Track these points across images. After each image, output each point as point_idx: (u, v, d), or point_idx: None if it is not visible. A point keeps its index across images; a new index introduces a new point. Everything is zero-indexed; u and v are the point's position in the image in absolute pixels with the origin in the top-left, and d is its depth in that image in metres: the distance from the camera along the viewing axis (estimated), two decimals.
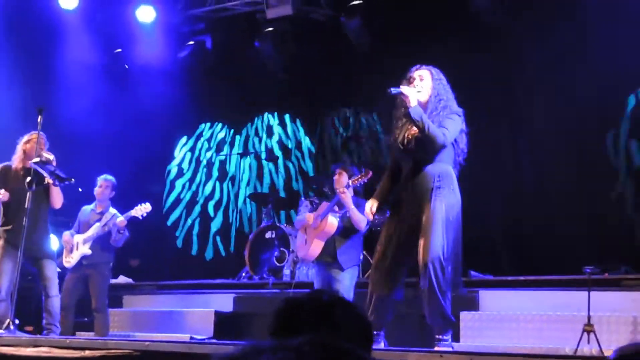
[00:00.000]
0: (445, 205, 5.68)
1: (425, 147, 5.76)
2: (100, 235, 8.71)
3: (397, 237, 5.96)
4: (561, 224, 9.50)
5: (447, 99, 5.90)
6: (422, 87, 5.92)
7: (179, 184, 13.45)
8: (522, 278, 8.10)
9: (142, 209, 8.65)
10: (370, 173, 7.44)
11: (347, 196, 7.41)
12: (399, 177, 6.06)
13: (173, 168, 13.52)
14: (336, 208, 7.61)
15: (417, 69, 6.03)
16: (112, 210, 8.81)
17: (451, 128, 5.75)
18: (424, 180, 5.79)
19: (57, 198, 8.09)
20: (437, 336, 5.79)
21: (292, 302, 2.05)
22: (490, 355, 4.15)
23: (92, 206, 9.01)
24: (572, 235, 9.24)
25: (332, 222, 7.54)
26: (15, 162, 8.05)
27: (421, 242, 5.67)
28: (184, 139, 13.39)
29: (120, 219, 8.59)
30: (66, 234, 8.88)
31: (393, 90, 5.88)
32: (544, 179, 9.85)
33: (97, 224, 8.74)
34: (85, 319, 9.12)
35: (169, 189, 13.44)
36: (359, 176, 7.43)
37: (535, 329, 7.18)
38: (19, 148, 8.10)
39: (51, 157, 7.94)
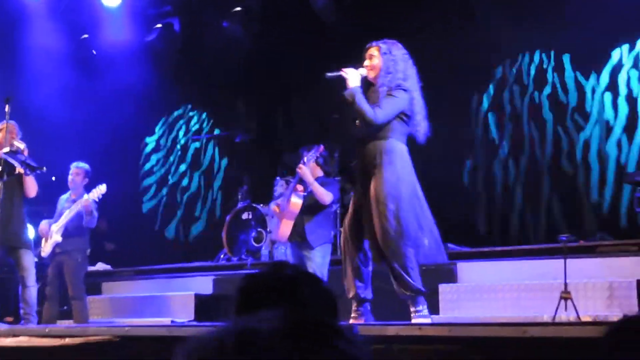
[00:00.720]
0: (390, 182, 5.76)
1: (365, 125, 5.87)
2: (71, 222, 8.66)
3: (355, 212, 6.10)
4: (535, 193, 9.59)
5: (394, 74, 5.92)
6: (371, 65, 6.01)
7: (152, 166, 13.43)
8: (498, 249, 8.16)
9: (98, 191, 8.60)
10: (322, 147, 7.50)
11: (305, 172, 7.40)
12: None
13: (148, 150, 13.49)
14: (300, 187, 7.61)
15: (368, 47, 6.11)
16: (86, 196, 8.77)
17: (387, 105, 5.79)
18: (367, 157, 5.91)
19: (31, 187, 8.02)
20: (411, 309, 5.83)
21: (255, 279, 2.04)
22: (468, 326, 4.19)
23: (67, 195, 8.97)
24: (547, 204, 9.34)
25: (295, 201, 7.53)
26: None
27: (375, 222, 5.76)
28: (158, 123, 13.37)
29: (84, 199, 8.54)
30: (43, 223, 8.84)
31: (328, 74, 6.13)
32: (518, 148, 9.93)
33: (67, 212, 8.70)
34: (64, 307, 9.09)
35: (143, 172, 13.41)
36: (313, 151, 7.48)
37: (513, 299, 7.24)
38: None
39: (22, 145, 7.87)
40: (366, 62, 6.07)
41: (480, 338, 3.94)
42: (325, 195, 7.44)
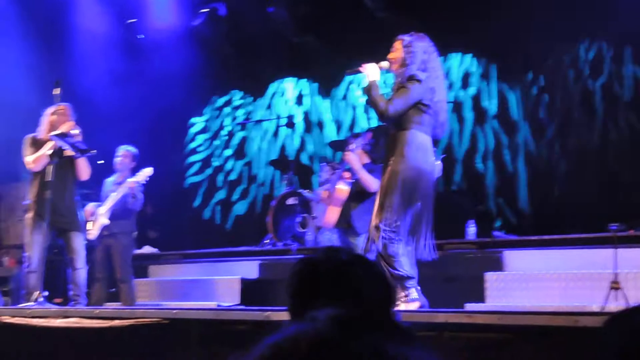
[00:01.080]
0: (393, 172, 5.78)
1: (379, 118, 6.03)
2: (117, 205, 8.75)
3: None
4: (584, 182, 9.47)
5: (410, 65, 5.91)
6: (393, 58, 6.05)
7: (198, 152, 13.51)
8: (546, 237, 8.07)
9: (144, 174, 8.68)
10: (369, 134, 7.52)
11: (352, 159, 7.42)
12: None
13: (195, 131, 13.57)
14: (347, 174, 7.61)
15: (394, 41, 6.14)
16: (138, 175, 8.86)
17: (397, 98, 5.79)
18: (389, 147, 5.97)
19: (84, 170, 8.08)
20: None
21: (310, 262, 2.04)
22: (518, 314, 4.15)
23: (113, 177, 9.06)
24: (596, 192, 9.22)
25: (342, 187, 7.56)
26: (42, 134, 8.03)
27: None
28: (205, 107, 13.43)
29: (129, 181, 8.63)
30: (89, 206, 8.93)
31: (347, 72, 6.40)
32: (567, 136, 9.81)
33: (113, 194, 8.79)
34: (112, 290, 9.18)
35: (188, 151, 13.50)
36: (360, 138, 7.50)
37: (561, 288, 7.17)
38: (45, 120, 8.07)
39: (77, 131, 7.94)
40: (390, 55, 6.09)
41: (531, 327, 3.91)
42: (372, 183, 7.43)
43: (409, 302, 5.73)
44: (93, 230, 8.77)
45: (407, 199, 5.78)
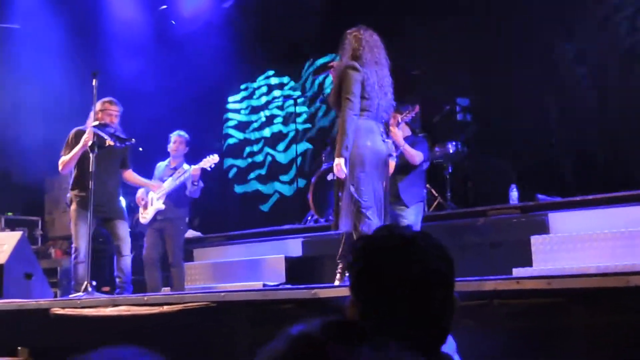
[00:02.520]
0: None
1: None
2: (174, 190, 8.80)
3: None
4: (625, 138, 9.34)
5: (343, 59, 6.49)
6: (341, 52, 6.62)
7: (236, 131, 13.54)
8: (590, 197, 7.95)
9: (210, 160, 8.73)
10: (417, 107, 7.57)
11: (397, 134, 7.44)
12: None
13: (231, 115, 13.61)
14: (392, 147, 7.60)
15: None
16: (186, 166, 8.90)
17: (345, 93, 6.25)
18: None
19: (135, 180, 8.26)
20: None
21: (371, 240, 2.04)
22: (568, 277, 4.09)
23: (166, 162, 9.12)
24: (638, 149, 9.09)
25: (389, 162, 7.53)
26: (86, 126, 8.12)
27: None
28: (241, 88, 13.45)
29: (194, 168, 8.68)
30: (140, 191, 9.00)
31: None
32: (606, 95, 9.66)
33: (170, 179, 8.84)
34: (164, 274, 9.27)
35: (227, 140, 13.54)
36: (406, 112, 7.51)
37: (608, 248, 7.07)
38: (92, 115, 8.13)
39: (115, 120, 8.00)
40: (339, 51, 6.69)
41: (582, 289, 3.86)
42: (416, 156, 7.49)
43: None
44: (147, 215, 8.84)
45: (361, 180, 6.20)
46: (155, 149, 9.24)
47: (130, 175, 8.49)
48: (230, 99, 13.66)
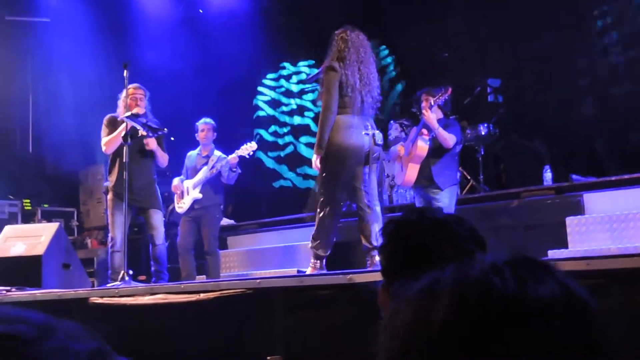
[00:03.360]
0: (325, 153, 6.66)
1: None
2: (209, 179, 8.85)
3: None
4: None
5: (327, 60, 6.83)
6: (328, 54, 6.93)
7: (266, 106, 13.57)
8: (626, 176, 7.88)
9: (248, 148, 8.78)
10: (450, 89, 7.56)
11: (430, 117, 7.47)
12: None
13: (264, 90, 13.63)
14: (425, 131, 7.58)
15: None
16: (217, 153, 8.95)
17: (325, 93, 6.65)
18: None
19: (162, 159, 8.27)
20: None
21: (405, 222, 2.03)
22: (607, 258, 4.06)
23: (197, 151, 9.16)
24: None
25: (422, 145, 7.53)
26: (118, 115, 8.17)
27: None
28: (280, 65, 13.47)
29: (233, 156, 8.73)
30: (175, 180, 9.06)
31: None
32: (637, 75, 9.56)
33: (205, 168, 8.89)
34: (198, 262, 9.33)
35: (257, 128, 13.55)
36: (439, 95, 7.49)
37: None
38: (120, 103, 8.19)
39: (142, 111, 8.04)
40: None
41: (621, 270, 3.82)
42: (449, 139, 7.50)
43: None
44: (183, 204, 8.89)
45: (337, 173, 6.62)
46: (189, 137, 9.26)
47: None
48: (268, 75, 13.65)
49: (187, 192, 8.89)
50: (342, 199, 6.77)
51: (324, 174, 6.69)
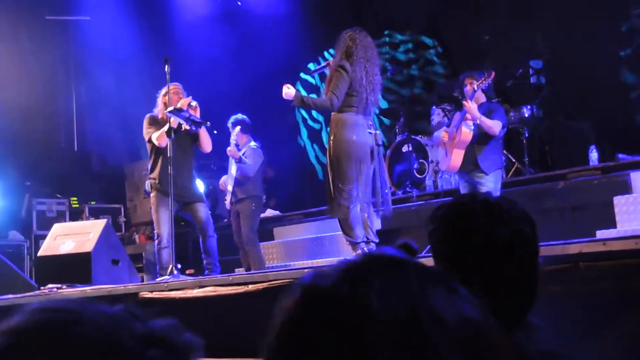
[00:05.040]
0: (331, 150, 6.95)
1: None
2: (238, 172, 8.93)
3: None
4: None
5: (336, 57, 7.10)
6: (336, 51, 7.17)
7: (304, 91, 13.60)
8: None
9: (232, 136, 8.92)
10: (493, 73, 7.56)
11: (472, 107, 7.42)
12: None
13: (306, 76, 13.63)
14: (469, 116, 7.54)
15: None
16: (252, 144, 9.03)
17: (332, 88, 6.82)
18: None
19: (206, 142, 8.28)
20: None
21: (457, 205, 2.03)
22: None
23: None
24: None
25: (466, 131, 7.50)
26: (159, 114, 8.23)
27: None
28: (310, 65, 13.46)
29: (228, 149, 8.84)
30: (222, 178, 9.21)
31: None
32: None
33: (232, 160, 8.98)
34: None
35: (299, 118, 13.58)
36: (482, 79, 7.45)
37: None
38: (159, 101, 8.24)
39: (194, 103, 8.09)
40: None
41: None
42: (495, 126, 7.46)
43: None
44: (227, 199, 9.03)
45: (347, 170, 6.81)
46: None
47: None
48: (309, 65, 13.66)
49: (227, 188, 9.02)
50: (354, 191, 6.88)
51: (334, 170, 6.89)
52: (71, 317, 0.87)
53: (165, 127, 7.96)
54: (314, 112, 13.13)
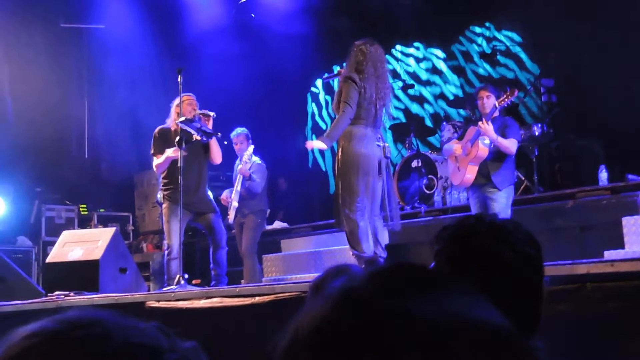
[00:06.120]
0: (339, 163, 6.98)
1: None
2: (243, 188, 8.96)
3: None
4: None
5: (346, 69, 7.14)
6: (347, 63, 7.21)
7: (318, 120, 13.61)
8: None
9: (246, 154, 8.92)
10: (517, 91, 7.45)
11: (488, 129, 7.29)
12: None
13: (311, 108, 13.66)
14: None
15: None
16: (255, 159, 9.05)
17: (344, 100, 6.87)
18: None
19: (217, 154, 8.29)
20: None
21: (460, 227, 2.04)
22: None
23: (238, 161, 9.27)
24: None
25: (483, 147, 7.36)
26: (171, 124, 8.25)
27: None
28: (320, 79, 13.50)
29: (240, 168, 8.84)
30: (225, 193, 9.24)
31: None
32: None
33: (239, 177, 9.00)
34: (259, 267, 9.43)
35: (309, 128, 13.60)
36: (504, 96, 7.38)
37: None
38: (172, 110, 8.27)
39: (211, 114, 8.13)
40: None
41: None
42: (511, 146, 7.41)
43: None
44: (230, 214, 9.04)
45: (354, 182, 6.83)
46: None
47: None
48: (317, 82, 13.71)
49: (231, 202, 9.03)
50: (361, 204, 6.88)
51: (342, 182, 6.92)
52: (103, 332, 0.89)
53: (163, 158, 8.07)
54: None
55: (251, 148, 9.01)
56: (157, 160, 8.15)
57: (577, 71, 10.13)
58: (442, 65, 12.25)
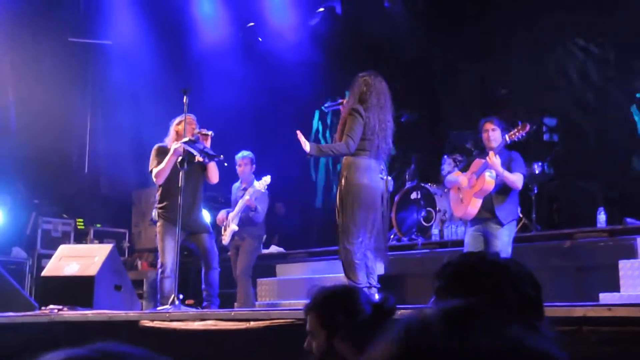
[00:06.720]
0: (341, 194, 6.98)
1: None
2: (244, 212, 8.96)
3: None
4: None
5: (350, 100, 7.20)
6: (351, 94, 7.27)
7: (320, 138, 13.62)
8: None
9: (263, 183, 8.83)
10: (528, 126, 7.39)
11: (495, 163, 7.22)
12: None
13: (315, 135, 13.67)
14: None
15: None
16: (256, 184, 9.02)
17: (347, 131, 6.92)
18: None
19: (214, 174, 8.30)
20: None
21: (460, 265, 2.06)
22: None
23: (238, 183, 9.30)
24: None
25: (490, 180, 7.28)
26: (169, 143, 8.28)
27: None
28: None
29: (246, 199, 8.83)
30: (221, 213, 9.24)
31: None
32: None
33: (241, 201, 8.99)
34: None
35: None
36: (516, 130, 7.34)
37: None
38: (171, 130, 8.31)
39: (209, 133, 8.15)
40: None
41: None
42: (518, 182, 7.36)
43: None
44: (225, 236, 9.03)
45: (355, 213, 6.85)
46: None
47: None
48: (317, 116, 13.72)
49: (228, 224, 9.02)
50: (362, 236, 6.90)
51: (343, 212, 6.91)
52: None
53: (163, 164, 8.06)
54: None
55: (267, 178, 8.95)
56: (158, 167, 8.14)
57: (578, 112, 10.18)
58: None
